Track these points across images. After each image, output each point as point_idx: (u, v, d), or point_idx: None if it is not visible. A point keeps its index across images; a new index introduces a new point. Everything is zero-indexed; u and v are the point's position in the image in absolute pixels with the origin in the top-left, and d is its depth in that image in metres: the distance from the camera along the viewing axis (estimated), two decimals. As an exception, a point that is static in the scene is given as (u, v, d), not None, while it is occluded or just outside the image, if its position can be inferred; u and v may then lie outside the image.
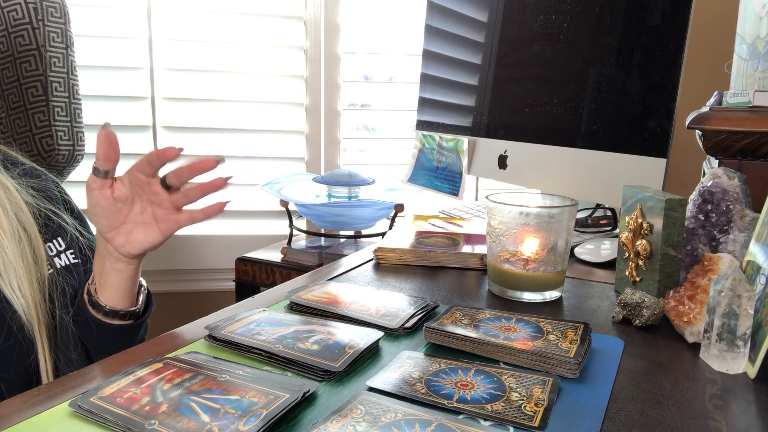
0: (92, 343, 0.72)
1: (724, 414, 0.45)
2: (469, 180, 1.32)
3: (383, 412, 0.43)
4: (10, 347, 0.66)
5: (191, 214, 0.68)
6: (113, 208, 0.66)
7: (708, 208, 0.67)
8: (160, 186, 0.66)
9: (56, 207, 0.77)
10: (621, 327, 0.62)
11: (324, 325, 0.58)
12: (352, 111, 1.68)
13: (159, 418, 0.42)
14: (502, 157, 1.07)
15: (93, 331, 0.71)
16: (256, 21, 1.58)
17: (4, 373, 0.66)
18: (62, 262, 0.75)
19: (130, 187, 0.66)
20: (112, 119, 1.53)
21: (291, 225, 1.40)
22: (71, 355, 0.71)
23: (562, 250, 0.69)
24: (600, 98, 0.85)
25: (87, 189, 0.65)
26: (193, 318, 0.63)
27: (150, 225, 0.68)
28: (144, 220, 0.68)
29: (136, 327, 0.73)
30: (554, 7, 0.95)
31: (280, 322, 0.59)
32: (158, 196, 0.66)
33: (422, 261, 0.83)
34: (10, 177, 0.73)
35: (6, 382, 0.66)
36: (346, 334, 0.56)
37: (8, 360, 0.66)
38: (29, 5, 1.00)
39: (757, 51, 0.85)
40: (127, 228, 0.67)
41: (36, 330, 0.67)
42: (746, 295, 0.51)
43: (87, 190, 0.65)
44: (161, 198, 0.66)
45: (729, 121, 0.76)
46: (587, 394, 0.47)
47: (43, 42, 1.02)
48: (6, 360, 0.66)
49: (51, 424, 0.43)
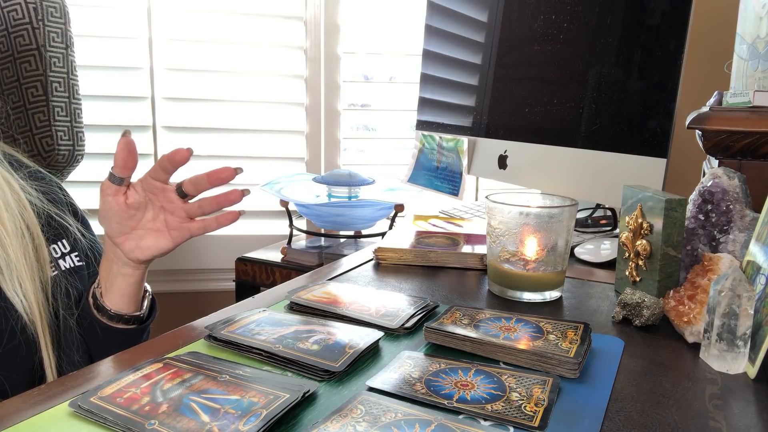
0: (95, 345, 0.72)
1: (724, 414, 0.45)
2: (469, 180, 1.32)
3: (383, 412, 0.43)
4: (14, 348, 0.66)
5: (204, 223, 0.68)
6: (126, 214, 0.66)
7: (708, 208, 0.67)
8: (175, 194, 0.66)
9: (60, 209, 0.77)
10: (621, 327, 0.62)
11: (324, 325, 0.58)
12: (352, 111, 1.68)
13: (159, 418, 0.42)
14: (502, 157, 1.07)
15: (97, 334, 0.71)
16: (256, 21, 1.58)
17: (8, 373, 0.66)
18: (67, 264, 0.75)
19: (143, 194, 0.66)
20: (112, 119, 1.53)
21: (291, 225, 1.40)
22: (74, 357, 0.71)
23: (562, 250, 0.69)
24: (600, 98, 0.85)
25: (101, 194, 0.65)
26: (193, 318, 0.63)
27: (161, 232, 0.68)
28: (155, 227, 0.68)
29: (139, 332, 0.73)
30: (554, 7, 0.95)
31: (280, 322, 0.59)
32: (172, 204, 0.66)
33: (422, 261, 0.83)
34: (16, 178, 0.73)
35: (10, 382, 0.66)
36: (346, 334, 0.56)
37: (12, 360, 0.66)
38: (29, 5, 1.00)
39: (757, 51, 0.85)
40: (138, 234, 0.68)
41: (39, 330, 0.67)
42: (746, 295, 0.51)
43: (101, 195, 0.65)
44: (175, 206, 0.66)
45: (729, 121, 0.76)
46: (587, 394, 0.47)
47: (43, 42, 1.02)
48: (10, 360, 0.66)
49: (51, 424, 0.43)
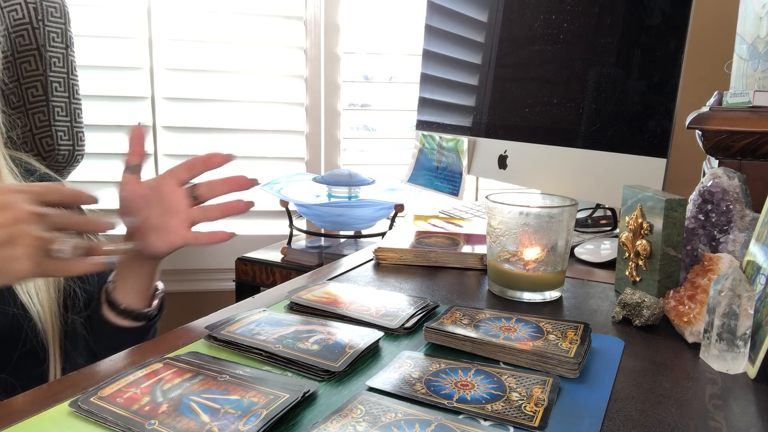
0: (103, 345, 0.73)
1: (724, 414, 0.45)
2: (469, 180, 1.32)
3: (383, 412, 0.43)
4: (25, 354, 0.67)
5: (197, 236, 0.67)
6: (142, 202, 0.66)
7: (708, 208, 0.67)
8: (183, 195, 0.65)
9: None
10: (621, 327, 0.62)
11: (324, 325, 0.58)
12: (352, 111, 1.68)
13: (159, 418, 0.42)
14: (502, 157, 1.07)
15: (105, 333, 0.72)
16: (256, 21, 1.58)
17: (17, 380, 0.66)
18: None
19: (148, 190, 0.66)
20: (112, 119, 1.53)
21: (291, 225, 1.40)
22: (78, 361, 0.71)
23: (562, 250, 0.69)
24: (600, 98, 0.85)
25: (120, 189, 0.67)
26: (193, 318, 0.63)
27: (162, 233, 0.68)
28: (158, 226, 0.68)
29: (146, 329, 0.74)
30: (554, 7, 0.95)
31: (280, 322, 0.59)
32: (178, 206, 0.66)
33: (422, 261, 0.83)
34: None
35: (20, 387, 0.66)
36: (346, 334, 0.56)
37: (23, 366, 0.66)
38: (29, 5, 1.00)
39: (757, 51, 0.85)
40: (143, 230, 0.68)
41: (50, 338, 0.68)
42: (746, 295, 0.51)
43: (120, 189, 0.67)
44: (180, 208, 0.66)
45: (729, 121, 0.76)
46: (587, 394, 0.47)
47: (43, 42, 1.02)
48: (21, 366, 0.66)
49: (51, 424, 0.43)
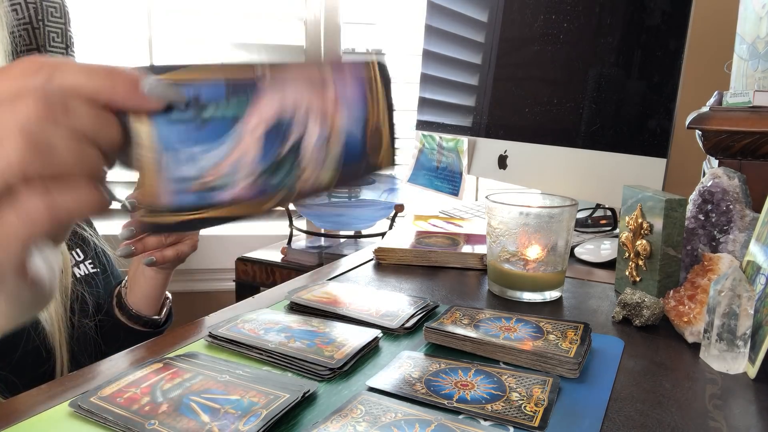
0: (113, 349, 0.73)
1: (724, 414, 0.45)
2: (469, 180, 1.31)
3: (383, 412, 0.43)
4: (27, 353, 0.67)
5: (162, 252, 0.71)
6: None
7: (708, 208, 0.67)
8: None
9: None
10: (621, 327, 0.62)
11: (324, 325, 0.58)
12: (352, 111, 1.68)
13: (159, 418, 0.42)
14: (502, 157, 1.07)
15: (118, 336, 0.75)
16: (256, 21, 1.58)
17: (18, 379, 0.66)
18: (81, 272, 0.78)
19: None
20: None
21: (291, 225, 1.40)
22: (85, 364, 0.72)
23: (562, 250, 0.69)
24: (600, 98, 0.85)
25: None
26: (193, 318, 0.63)
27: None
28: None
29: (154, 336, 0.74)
30: (554, 7, 0.95)
31: (280, 322, 0.59)
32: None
33: (422, 261, 0.83)
34: None
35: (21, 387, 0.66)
36: (346, 334, 0.56)
37: (24, 365, 0.67)
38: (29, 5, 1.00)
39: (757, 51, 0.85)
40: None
41: (56, 339, 0.69)
42: (746, 295, 0.51)
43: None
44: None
45: (729, 121, 0.76)
46: (587, 394, 0.47)
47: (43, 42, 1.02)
48: (22, 365, 0.67)
49: (51, 424, 0.43)
